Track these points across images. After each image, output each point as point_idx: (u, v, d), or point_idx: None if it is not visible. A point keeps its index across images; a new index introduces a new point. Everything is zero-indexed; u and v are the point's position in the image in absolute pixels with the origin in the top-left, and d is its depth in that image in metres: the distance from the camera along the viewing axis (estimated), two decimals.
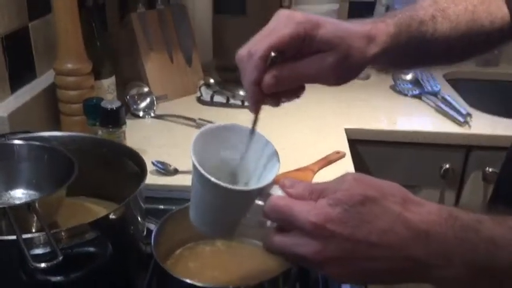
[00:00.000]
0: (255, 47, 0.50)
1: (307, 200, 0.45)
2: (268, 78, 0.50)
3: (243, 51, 0.52)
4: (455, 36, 0.61)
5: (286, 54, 0.50)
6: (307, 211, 0.43)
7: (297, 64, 0.51)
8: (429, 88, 1.40)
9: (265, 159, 0.53)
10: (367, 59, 0.54)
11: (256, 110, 0.53)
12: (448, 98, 1.34)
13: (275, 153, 0.52)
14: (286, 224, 0.45)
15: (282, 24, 0.50)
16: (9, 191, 0.71)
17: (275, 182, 0.48)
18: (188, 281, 0.58)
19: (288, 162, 1.01)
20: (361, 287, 0.71)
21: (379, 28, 0.55)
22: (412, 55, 0.61)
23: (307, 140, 1.15)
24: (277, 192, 0.47)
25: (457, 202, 1.30)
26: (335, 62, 0.51)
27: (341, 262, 0.43)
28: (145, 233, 0.71)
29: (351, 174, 0.45)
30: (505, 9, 0.65)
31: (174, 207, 0.72)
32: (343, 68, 0.52)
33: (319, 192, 0.45)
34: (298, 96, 0.55)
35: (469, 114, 1.25)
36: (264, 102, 0.53)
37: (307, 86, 0.56)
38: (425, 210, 0.44)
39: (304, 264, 0.47)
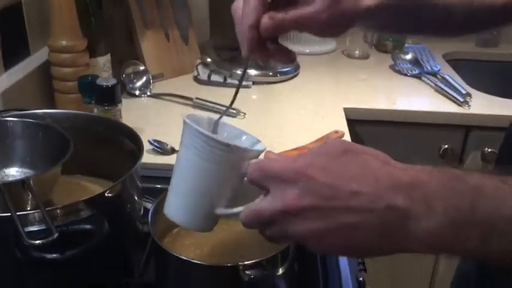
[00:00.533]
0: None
1: None
2: (265, 19, 0.51)
3: (237, 2, 0.53)
4: (456, 5, 0.60)
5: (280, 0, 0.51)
6: (290, 161, 0.43)
7: (292, 6, 0.51)
8: (429, 68, 1.39)
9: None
10: (360, 10, 0.53)
11: (250, 54, 0.53)
12: (448, 78, 1.33)
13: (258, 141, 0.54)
14: (268, 179, 0.44)
15: None
16: (3, 169, 0.70)
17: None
18: (186, 258, 0.57)
19: (286, 142, 1.00)
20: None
21: None
22: (409, 18, 0.60)
23: (305, 119, 1.14)
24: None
25: None
26: (328, 4, 0.51)
27: (318, 213, 0.41)
28: (142, 212, 0.71)
29: (333, 138, 0.44)
30: None
31: None
32: (335, 13, 0.52)
33: None
34: (291, 60, 0.56)
35: (468, 94, 1.24)
36: (256, 52, 0.53)
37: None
38: (409, 166, 0.43)
39: (278, 230, 0.44)
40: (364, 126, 1.23)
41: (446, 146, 1.23)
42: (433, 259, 1.35)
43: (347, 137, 1.06)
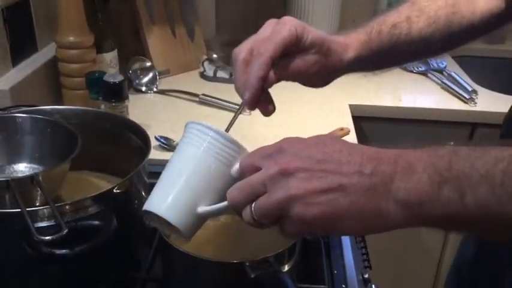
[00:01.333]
0: (263, 47, 0.55)
1: None
2: (271, 74, 0.55)
3: (243, 49, 0.57)
4: (434, 32, 0.65)
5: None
6: (282, 142, 0.46)
7: (290, 61, 0.57)
8: (435, 65, 1.39)
9: None
10: (344, 64, 0.61)
11: (254, 106, 0.57)
12: (454, 75, 1.33)
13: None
14: (260, 159, 0.45)
15: (278, 28, 0.56)
16: (12, 165, 0.71)
17: None
18: (192, 254, 0.58)
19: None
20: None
21: (352, 37, 0.62)
22: (388, 57, 0.65)
23: (311, 116, 1.14)
24: None
25: None
26: (318, 60, 0.58)
27: (311, 174, 0.43)
28: None
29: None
30: None
31: None
32: (323, 67, 0.58)
33: None
34: (268, 112, 0.59)
35: (474, 92, 1.24)
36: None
37: None
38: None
39: (268, 197, 0.44)
40: (370, 123, 1.23)
41: (452, 144, 1.23)
42: (437, 257, 1.35)
43: (352, 134, 1.06)
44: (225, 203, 0.47)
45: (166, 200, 0.50)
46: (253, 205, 0.44)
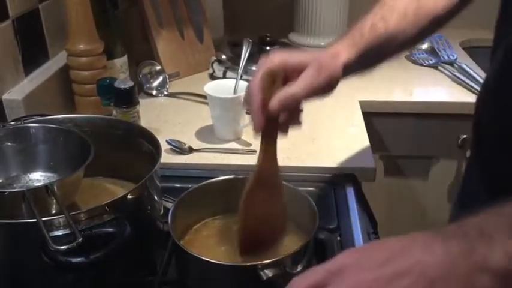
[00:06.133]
0: (251, 83, 0.61)
1: None
2: (272, 102, 0.60)
3: (253, 80, 0.62)
4: (406, 26, 0.69)
5: (278, 83, 0.61)
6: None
7: (288, 86, 0.61)
8: (445, 57, 1.38)
9: None
10: (338, 69, 0.64)
11: (262, 136, 0.62)
12: (465, 67, 1.31)
13: None
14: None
15: (264, 62, 0.63)
16: (28, 174, 0.72)
17: None
18: (204, 258, 0.59)
19: (302, 136, 1.01)
20: None
21: (339, 45, 0.66)
22: (376, 54, 0.69)
23: (321, 114, 1.14)
24: None
25: None
26: (314, 72, 0.61)
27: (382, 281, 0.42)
28: (162, 211, 0.72)
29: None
30: None
31: (189, 186, 0.73)
32: (321, 77, 0.62)
33: None
34: (299, 123, 0.66)
35: None
36: (266, 127, 0.61)
37: None
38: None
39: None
40: (381, 118, 1.23)
41: (465, 136, 1.22)
42: None
43: (363, 131, 1.06)
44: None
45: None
46: None
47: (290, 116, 0.64)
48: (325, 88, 0.64)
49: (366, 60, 0.69)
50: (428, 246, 0.42)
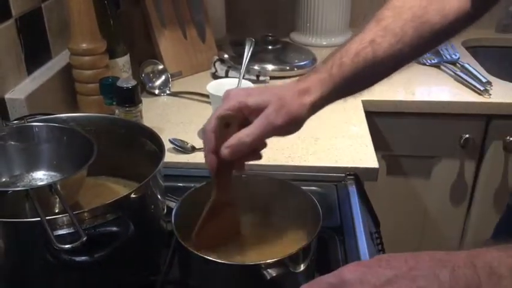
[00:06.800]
0: (206, 125, 0.61)
1: None
2: (222, 149, 0.59)
3: (208, 125, 0.61)
4: (402, 47, 0.64)
5: (234, 126, 0.59)
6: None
7: (242, 130, 0.59)
8: (448, 57, 1.37)
9: None
10: (307, 107, 0.61)
11: (214, 175, 0.61)
12: (467, 66, 1.31)
13: None
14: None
15: (222, 102, 0.61)
16: (31, 173, 0.72)
17: None
18: (209, 258, 0.59)
19: (305, 136, 1.01)
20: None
21: (311, 80, 0.62)
22: (359, 83, 0.66)
23: (324, 113, 1.14)
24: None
25: (477, 172, 1.29)
26: (272, 112, 0.58)
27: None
28: (165, 211, 0.72)
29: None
30: None
31: (192, 185, 0.73)
32: (280, 118, 0.59)
33: None
34: (258, 157, 0.63)
35: (488, 83, 1.22)
36: (220, 172, 0.61)
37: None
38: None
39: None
40: (383, 118, 1.23)
41: (467, 136, 1.22)
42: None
43: (365, 130, 1.05)
44: None
45: None
46: None
47: (247, 154, 0.61)
48: (286, 128, 0.60)
49: (345, 91, 0.65)
50: (434, 275, 0.41)
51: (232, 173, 0.63)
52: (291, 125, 0.61)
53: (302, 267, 0.60)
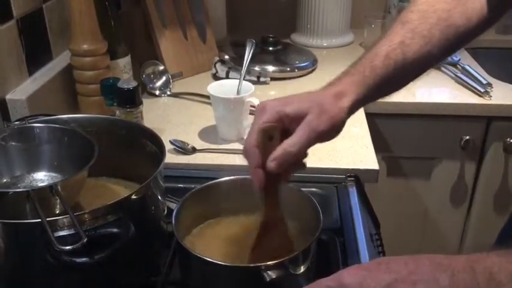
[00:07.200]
0: (247, 140, 0.59)
1: None
2: (269, 162, 0.57)
3: (248, 139, 0.59)
4: (431, 49, 0.64)
5: (277, 137, 0.58)
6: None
7: (286, 140, 0.57)
8: (448, 58, 1.37)
9: None
10: (345, 110, 0.60)
11: (261, 190, 0.59)
12: (468, 68, 1.32)
13: None
14: None
15: (259, 115, 0.59)
16: (32, 174, 0.72)
17: None
18: (209, 259, 0.59)
19: None
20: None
21: (345, 83, 0.62)
22: (391, 85, 0.65)
23: None
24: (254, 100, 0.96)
25: (477, 174, 1.29)
26: (314, 119, 0.57)
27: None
28: (165, 212, 0.72)
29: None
30: (483, 1, 0.66)
31: (192, 186, 0.73)
32: (323, 124, 0.58)
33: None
34: (303, 167, 0.62)
35: (489, 85, 1.23)
36: (268, 187, 0.59)
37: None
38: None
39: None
40: (384, 119, 1.23)
41: (467, 138, 1.22)
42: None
43: (366, 132, 1.06)
44: None
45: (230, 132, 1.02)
46: None
47: (292, 165, 0.60)
48: (329, 133, 0.60)
49: (378, 93, 0.65)
50: (434, 279, 0.41)
51: (279, 187, 0.61)
52: (333, 129, 0.60)
53: (302, 269, 0.60)
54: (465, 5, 0.66)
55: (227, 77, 1.29)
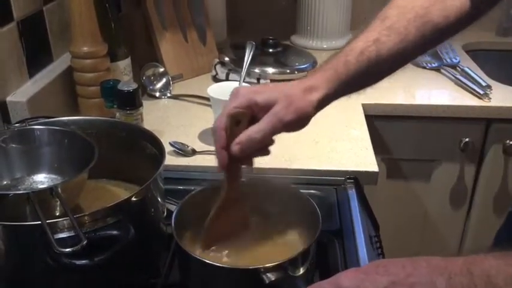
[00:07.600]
0: (216, 122, 0.61)
1: None
2: (233, 146, 0.60)
3: (218, 121, 0.61)
4: (406, 46, 0.65)
5: (244, 123, 0.60)
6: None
7: (251, 126, 0.60)
8: (448, 60, 1.38)
9: None
10: (314, 103, 0.62)
11: (223, 169, 0.62)
12: (468, 70, 1.32)
13: None
14: None
15: (231, 100, 0.61)
16: (32, 176, 0.73)
17: None
18: (208, 261, 0.59)
19: (305, 140, 1.01)
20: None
21: (317, 78, 0.63)
22: (364, 81, 0.67)
23: (323, 117, 1.14)
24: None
25: (477, 176, 1.29)
26: (282, 109, 0.60)
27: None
28: (165, 214, 0.73)
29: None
30: None
31: (192, 188, 0.73)
32: (289, 115, 0.60)
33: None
34: (267, 153, 0.64)
35: (488, 87, 1.23)
36: (229, 167, 0.62)
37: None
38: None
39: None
40: (383, 121, 1.23)
41: (467, 140, 1.23)
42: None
43: (365, 134, 1.06)
44: None
45: None
46: None
47: (256, 150, 0.62)
48: (295, 124, 0.62)
49: (351, 88, 0.66)
50: (431, 282, 0.41)
51: (241, 169, 0.64)
52: (299, 121, 0.62)
53: (301, 271, 0.60)
54: (444, 2, 0.67)
55: (227, 79, 1.29)
